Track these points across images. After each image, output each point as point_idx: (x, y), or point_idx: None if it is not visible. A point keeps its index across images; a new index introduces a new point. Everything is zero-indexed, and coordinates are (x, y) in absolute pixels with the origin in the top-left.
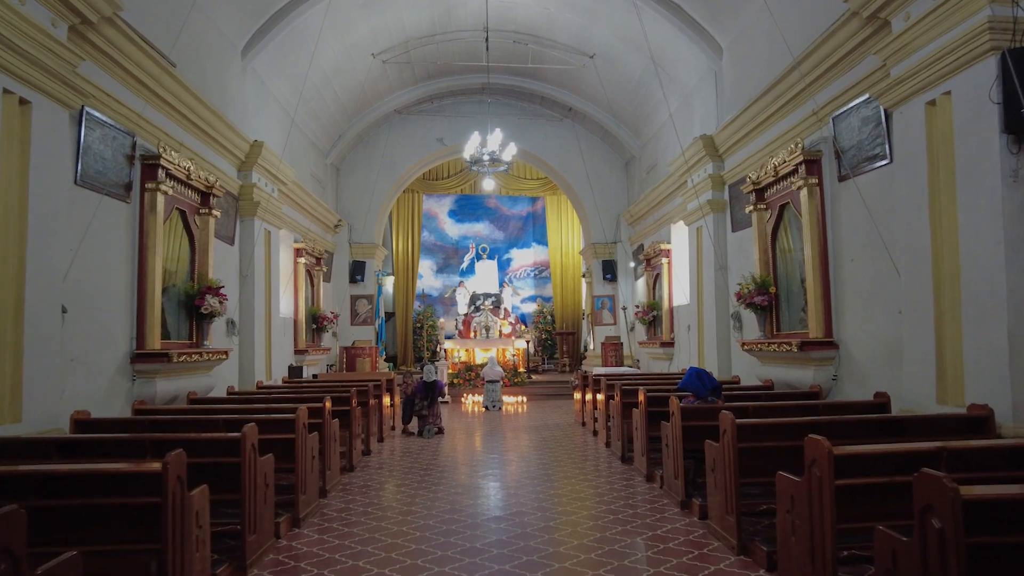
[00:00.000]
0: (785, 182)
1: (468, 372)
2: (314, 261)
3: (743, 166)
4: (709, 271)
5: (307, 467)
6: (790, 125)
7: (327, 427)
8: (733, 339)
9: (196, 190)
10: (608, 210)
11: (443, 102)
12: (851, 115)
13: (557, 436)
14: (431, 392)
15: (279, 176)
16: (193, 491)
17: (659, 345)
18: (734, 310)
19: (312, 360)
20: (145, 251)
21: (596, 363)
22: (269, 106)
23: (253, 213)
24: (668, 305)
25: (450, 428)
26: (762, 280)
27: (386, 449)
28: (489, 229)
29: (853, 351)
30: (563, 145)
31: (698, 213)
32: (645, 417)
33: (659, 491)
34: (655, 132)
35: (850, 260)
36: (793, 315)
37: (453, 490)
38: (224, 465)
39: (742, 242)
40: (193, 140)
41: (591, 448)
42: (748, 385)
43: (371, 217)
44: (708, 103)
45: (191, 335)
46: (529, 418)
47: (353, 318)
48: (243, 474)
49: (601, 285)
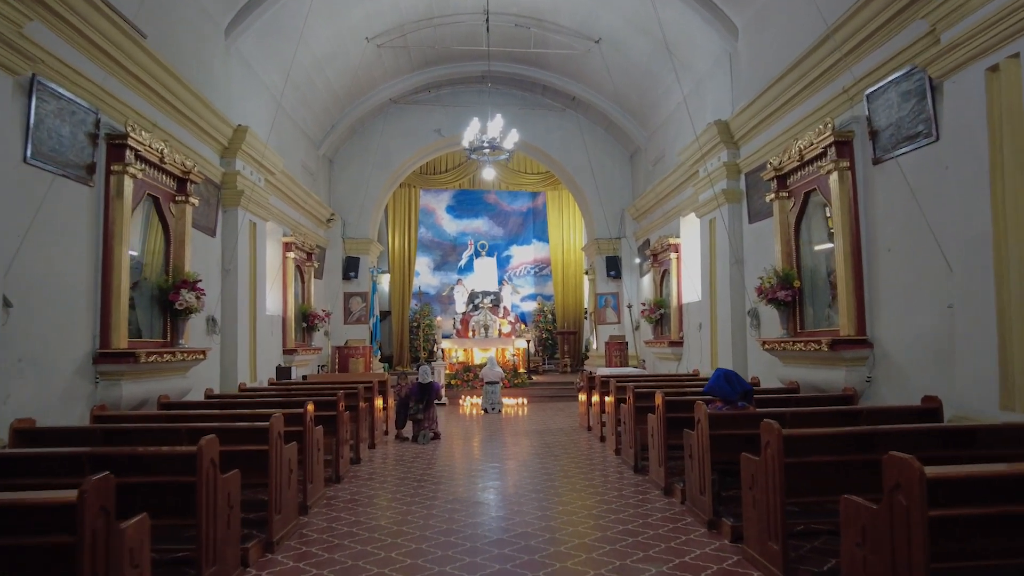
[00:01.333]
0: (811, 167)
1: (466, 373)
2: (305, 256)
3: (762, 152)
4: (723, 265)
5: (283, 482)
6: (816, 105)
7: (309, 435)
8: (750, 338)
9: (171, 175)
10: (612, 204)
11: (441, 91)
12: (888, 90)
13: (562, 442)
14: (427, 394)
15: (266, 165)
16: (127, 522)
17: (667, 345)
18: (751, 307)
19: (302, 360)
20: (111, 240)
21: (599, 363)
22: (256, 91)
23: (237, 203)
24: (677, 303)
25: (447, 433)
26: (785, 273)
27: (378, 457)
28: (488, 225)
29: (890, 350)
30: (565, 137)
31: (711, 204)
32: (663, 423)
33: (680, 507)
34: (662, 122)
35: (886, 250)
36: (818, 311)
37: (450, 505)
38: (178, 485)
39: (760, 234)
40: (169, 121)
41: (599, 455)
42: (771, 388)
43: (366, 211)
44: (722, 88)
45: (165, 333)
46: (530, 421)
47: (346, 317)
48: (199, 496)
49: (605, 282)
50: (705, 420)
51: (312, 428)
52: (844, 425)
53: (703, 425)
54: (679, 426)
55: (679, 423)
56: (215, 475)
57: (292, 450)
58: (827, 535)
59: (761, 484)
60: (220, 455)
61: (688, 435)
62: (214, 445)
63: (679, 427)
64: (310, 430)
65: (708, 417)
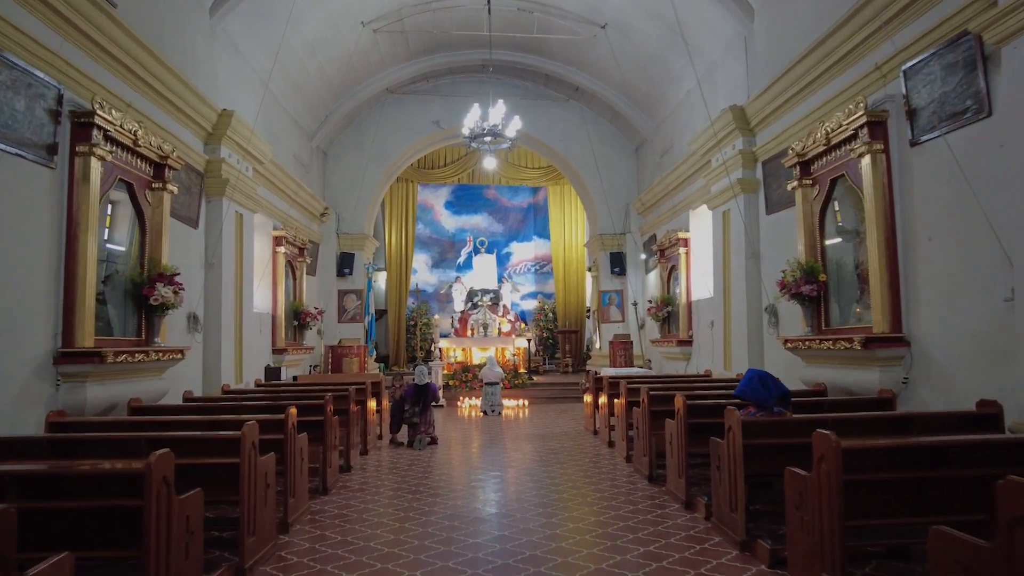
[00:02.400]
0: (839, 151)
1: (465, 373)
2: (296, 251)
3: (781, 138)
4: (738, 259)
5: (257, 499)
6: (844, 85)
7: (291, 444)
8: (767, 336)
9: (147, 160)
10: (616, 199)
11: (440, 81)
12: (930, 64)
13: (567, 447)
14: (423, 396)
15: (254, 153)
16: (45, 563)
17: (675, 344)
18: (769, 303)
19: (293, 360)
20: (75, 228)
21: (603, 363)
22: (244, 76)
23: (222, 192)
24: (686, 300)
25: (445, 437)
26: (810, 266)
27: (371, 464)
28: (487, 221)
29: (930, 349)
30: (569, 129)
31: (725, 195)
32: (684, 430)
33: (705, 523)
34: (671, 111)
35: (927, 239)
36: (844, 307)
37: (448, 522)
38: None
39: (779, 225)
40: (145, 102)
41: (608, 462)
42: (795, 390)
43: (361, 206)
44: (735, 73)
45: (140, 331)
46: (532, 424)
47: (340, 315)
48: (147, 523)
49: (609, 279)
50: (738, 428)
51: (294, 436)
52: (892, 434)
53: (735, 434)
54: (701, 433)
55: (701, 429)
56: (169, 497)
57: (269, 462)
58: (880, 559)
59: (813, 505)
60: (185, 469)
61: (716, 444)
62: (167, 462)
63: (701, 433)
64: (292, 438)
65: (741, 425)
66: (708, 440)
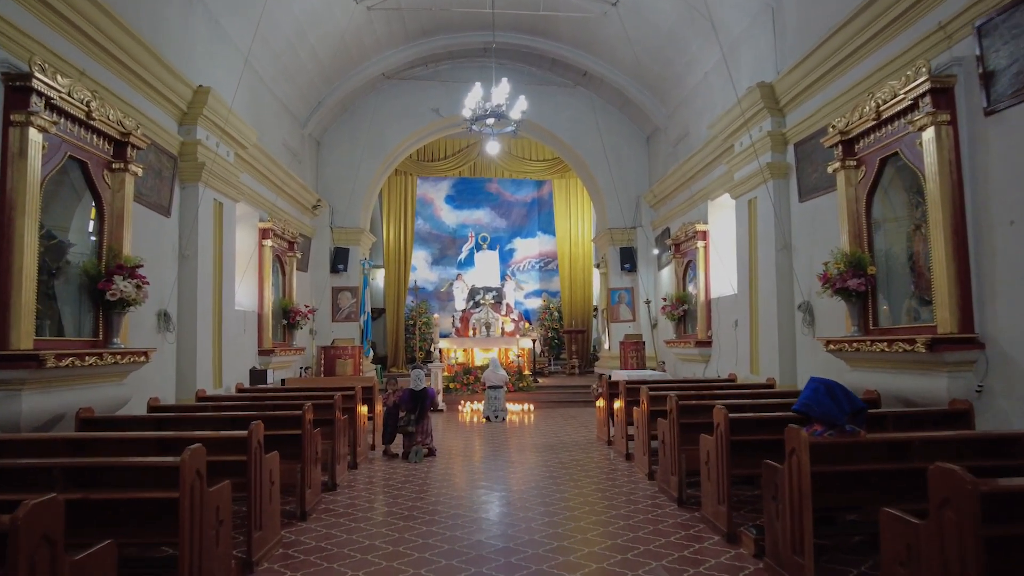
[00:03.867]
0: (891, 126)
1: (466, 375)
2: (286, 245)
3: (817, 117)
4: (767, 252)
5: (204, 540)
6: (897, 51)
7: (256, 467)
8: (800, 336)
9: (105, 136)
10: (626, 191)
11: (439, 66)
12: (1014, 16)
13: (579, 460)
14: (419, 403)
15: (236, 137)
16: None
17: (693, 345)
18: (803, 300)
19: (281, 362)
20: (10, 211)
21: (612, 365)
22: (225, 53)
23: (198, 178)
24: (704, 297)
25: (444, 447)
26: (857, 257)
27: (360, 480)
28: (490, 216)
29: (1011, 351)
30: (576, 117)
31: (751, 182)
32: (726, 449)
33: (755, 563)
34: (686, 96)
35: (1008, 223)
36: (895, 304)
37: (446, 560)
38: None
39: (816, 213)
40: (104, 71)
41: (627, 479)
42: None
43: (356, 198)
44: (762, 48)
45: (97, 331)
46: (539, 432)
47: (335, 313)
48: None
49: (618, 276)
50: (804, 452)
51: (260, 457)
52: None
53: (801, 459)
54: (744, 451)
55: (745, 447)
56: (54, 560)
57: (222, 494)
58: None
59: (931, 563)
60: (108, 507)
61: (772, 470)
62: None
63: (745, 452)
64: (257, 459)
65: (809, 448)
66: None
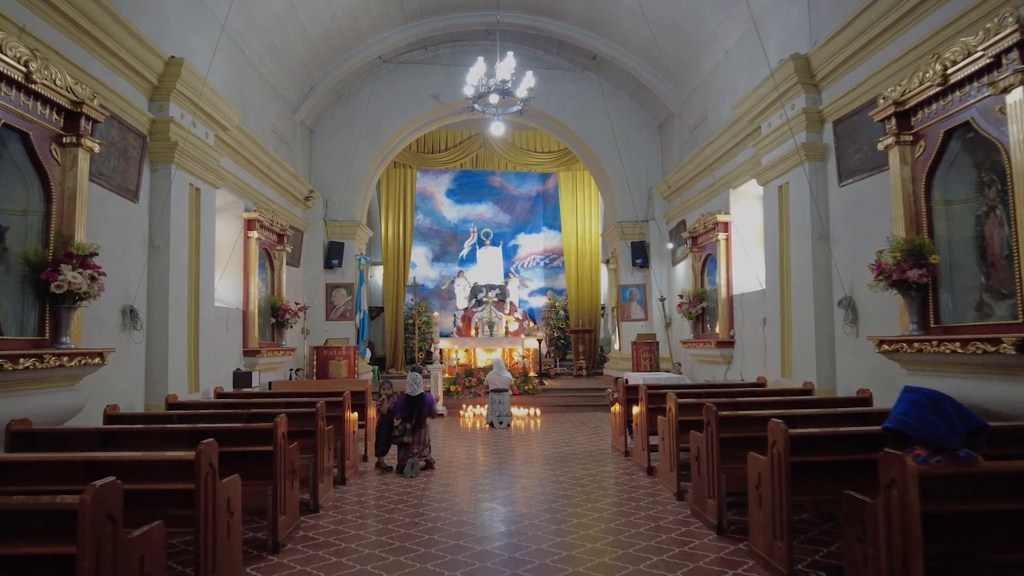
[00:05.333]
0: (961, 91)
1: (468, 377)
2: (274, 238)
3: (861, 90)
4: (802, 242)
5: None
6: (963, 7)
7: (205, 500)
8: (841, 335)
9: (52, 105)
10: (638, 182)
11: (439, 50)
12: None
13: (594, 474)
14: (416, 410)
15: (217, 117)
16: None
17: (714, 345)
18: (844, 295)
19: (269, 364)
20: None
21: (624, 367)
22: (205, 25)
23: (170, 159)
24: (726, 294)
25: (444, 458)
26: (917, 245)
27: (348, 499)
28: (493, 211)
29: None
30: (584, 104)
31: (783, 165)
32: (786, 472)
33: None
34: (704, 78)
35: None
36: (962, 298)
37: None
38: None
39: (860, 197)
40: (55, 32)
41: (651, 499)
42: None
43: (351, 189)
44: (793, 19)
45: (43, 328)
46: (548, 440)
47: (329, 312)
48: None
49: (629, 272)
50: (912, 486)
51: (213, 485)
52: None
53: (907, 495)
54: (806, 474)
55: (806, 470)
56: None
57: (151, 538)
58: None
59: None
60: None
61: (859, 504)
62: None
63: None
64: (208, 489)
65: (918, 478)
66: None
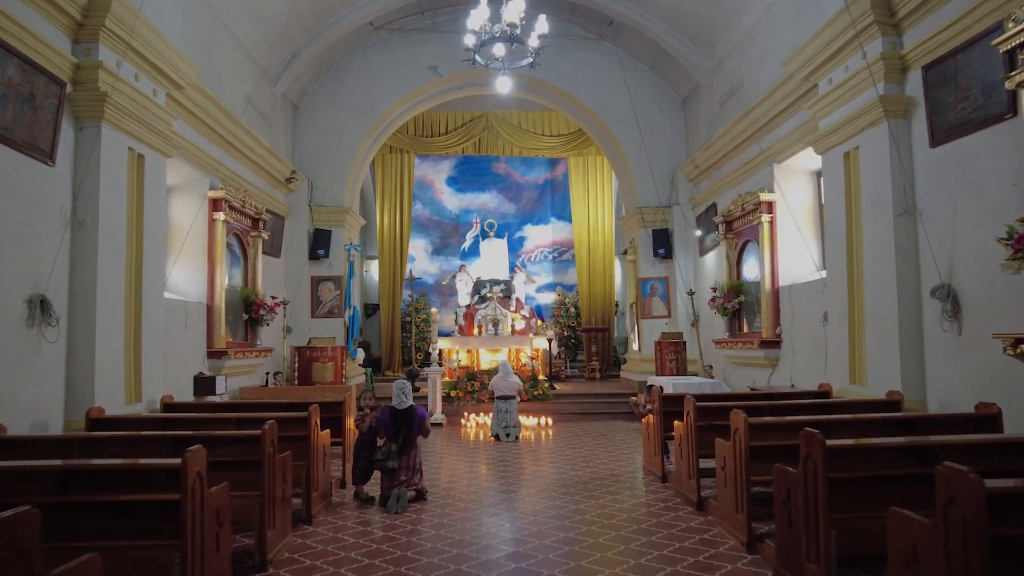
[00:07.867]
0: None
1: (470, 382)
2: (248, 222)
3: (967, 21)
4: (879, 218)
5: None
6: None
7: None
8: (933, 332)
9: None
10: (659, 163)
11: (438, 16)
12: None
13: (628, 509)
14: (404, 428)
15: (168, 72)
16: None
17: (756, 346)
18: (940, 283)
19: (241, 367)
20: None
21: (645, 369)
22: None
23: (100, 115)
24: (770, 285)
25: (439, 484)
26: None
27: (310, 547)
28: (497, 200)
29: None
30: (598, 76)
31: (850, 127)
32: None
33: None
34: (739, 41)
35: None
36: None
37: None
38: None
39: (962, 159)
40: None
41: (708, 547)
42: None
43: (340, 172)
44: None
45: None
46: (563, 458)
47: (314, 308)
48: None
49: (650, 264)
50: None
51: None
52: None
53: None
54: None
55: None
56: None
57: None
58: None
59: None
60: None
61: None
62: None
63: None
64: None
65: None
66: None
